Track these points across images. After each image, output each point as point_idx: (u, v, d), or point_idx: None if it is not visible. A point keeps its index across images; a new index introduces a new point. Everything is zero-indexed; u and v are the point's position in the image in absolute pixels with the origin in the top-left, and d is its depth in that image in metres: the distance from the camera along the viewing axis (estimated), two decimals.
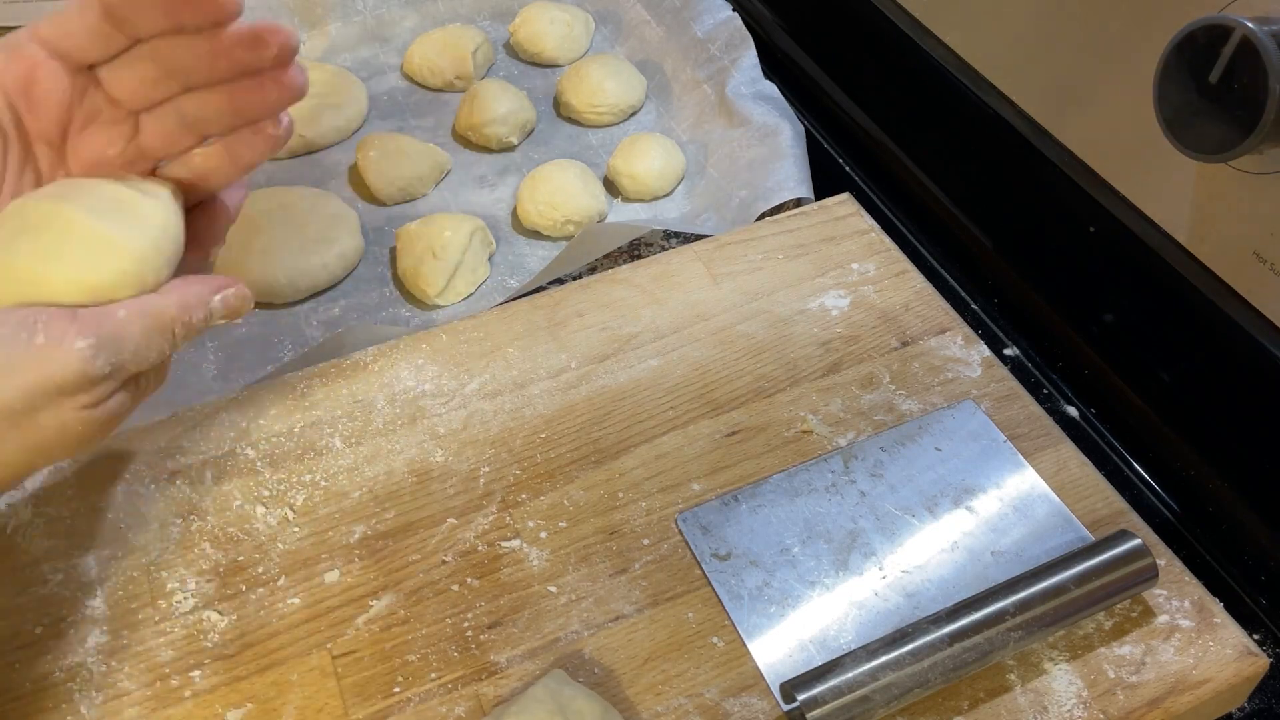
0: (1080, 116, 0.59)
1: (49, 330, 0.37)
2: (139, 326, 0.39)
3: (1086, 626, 0.48)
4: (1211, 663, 0.47)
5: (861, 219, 0.67)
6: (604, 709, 0.43)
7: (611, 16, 0.92)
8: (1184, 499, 0.58)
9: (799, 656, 0.47)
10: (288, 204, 0.72)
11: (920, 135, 0.75)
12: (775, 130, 0.75)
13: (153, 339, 0.40)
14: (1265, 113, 0.43)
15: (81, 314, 0.38)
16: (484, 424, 0.56)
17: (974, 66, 0.66)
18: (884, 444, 0.55)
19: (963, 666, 0.45)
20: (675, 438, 0.56)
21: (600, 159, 0.80)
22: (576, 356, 0.59)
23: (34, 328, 0.37)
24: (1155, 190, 0.55)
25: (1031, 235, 0.67)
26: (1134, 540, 0.48)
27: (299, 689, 0.46)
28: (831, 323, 0.61)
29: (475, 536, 0.52)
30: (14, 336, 0.37)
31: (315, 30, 0.88)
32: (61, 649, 0.47)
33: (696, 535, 0.51)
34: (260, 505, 0.53)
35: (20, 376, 0.37)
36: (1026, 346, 0.66)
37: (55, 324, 0.37)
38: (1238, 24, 0.43)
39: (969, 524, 0.52)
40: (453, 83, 0.85)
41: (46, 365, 0.37)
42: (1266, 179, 0.48)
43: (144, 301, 0.40)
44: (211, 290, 0.43)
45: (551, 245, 0.74)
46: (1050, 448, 0.55)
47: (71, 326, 0.38)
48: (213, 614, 0.49)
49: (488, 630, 0.48)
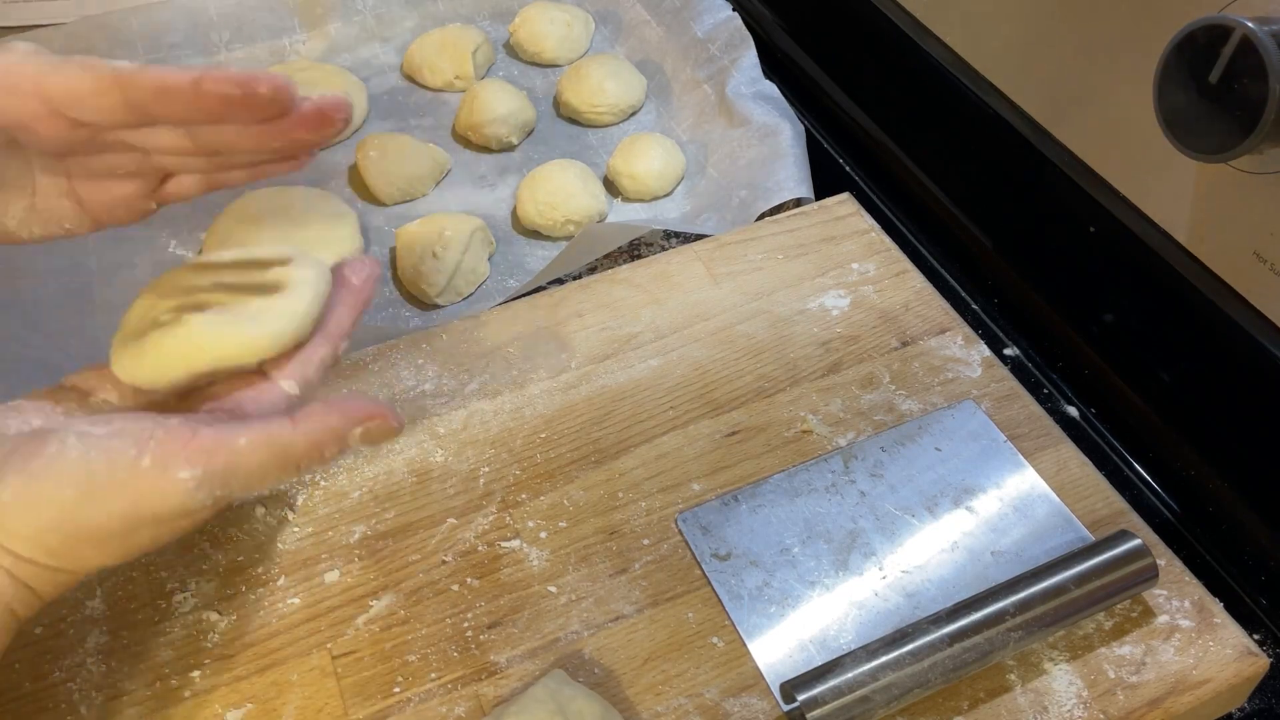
0: (1080, 116, 0.59)
1: (157, 452, 0.35)
2: (258, 459, 0.37)
3: (1086, 626, 0.48)
4: (1212, 663, 0.47)
5: (861, 219, 0.67)
6: (604, 709, 0.43)
7: (611, 16, 0.92)
8: (1184, 499, 0.58)
9: (799, 656, 0.47)
10: (288, 204, 0.72)
11: (920, 135, 0.75)
12: (775, 130, 0.75)
13: (270, 473, 0.37)
14: (1265, 113, 0.42)
15: (200, 437, 0.36)
16: (484, 424, 0.56)
17: (974, 66, 0.66)
18: (884, 444, 0.55)
19: (963, 667, 0.45)
20: (675, 438, 0.56)
21: (600, 159, 0.80)
22: (576, 356, 0.59)
23: (144, 446, 0.35)
24: (1155, 190, 0.55)
25: (1031, 235, 0.67)
26: (1134, 540, 0.48)
27: (299, 689, 0.46)
28: (831, 323, 0.61)
29: (475, 536, 0.52)
30: (122, 453, 0.35)
31: (315, 30, 0.88)
32: (61, 649, 0.47)
33: (696, 535, 0.51)
34: (260, 505, 0.53)
35: (116, 503, 0.35)
36: (1026, 346, 0.66)
37: (167, 445, 0.35)
38: (1238, 24, 0.43)
39: (969, 524, 0.52)
40: (453, 83, 0.85)
41: (145, 494, 0.35)
42: (1266, 179, 0.48)
43: (271, 429, 0.37)
44: (353, 421, 0.39)
45: (551, 245, 0.74)
46: (1050, 448, 0.55)
47: (182, 451, 0.35)
48: (212, 614, 0.49)
49: (488, 630, 0.48)
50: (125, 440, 0.36)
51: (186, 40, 0.84)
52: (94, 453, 0.35)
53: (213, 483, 0.36)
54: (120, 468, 0.35)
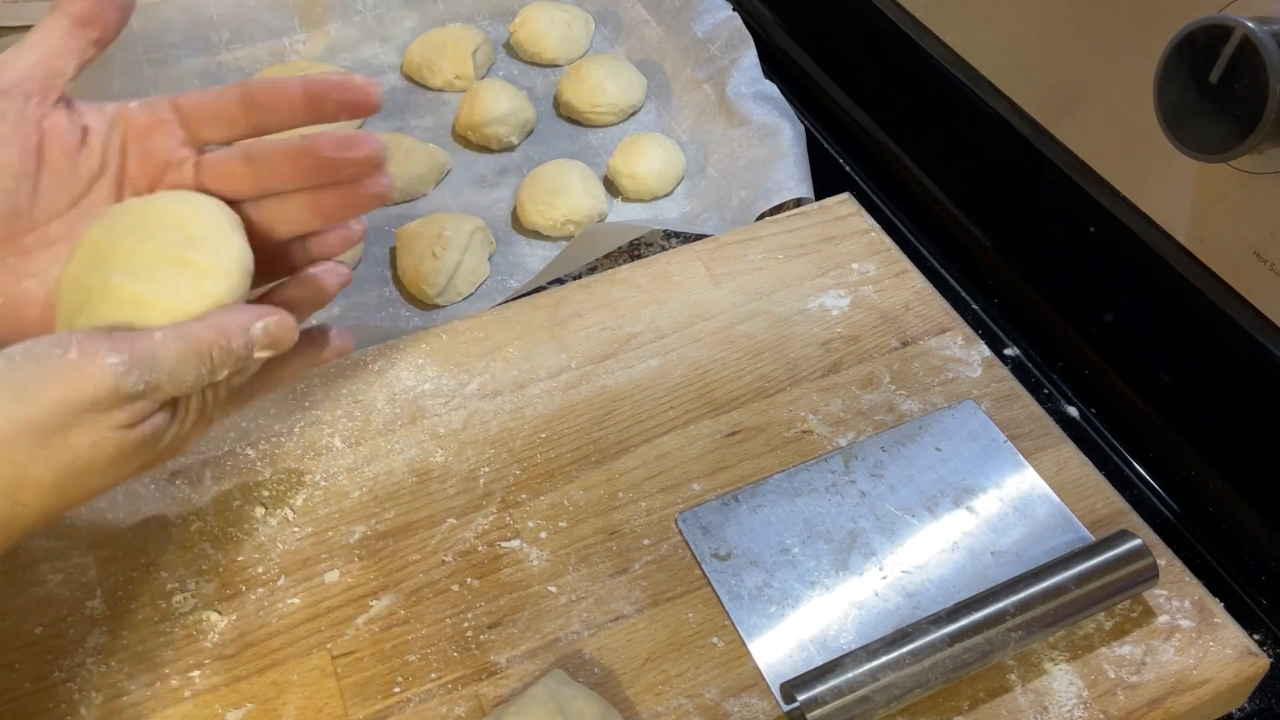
0: (1080, 116, 0.59)
1: (82, 347, 0.37)
2: (174, 349, 0.38)
3: (1087, 626, 0.48)
4: (1212, 663, 0.47)
5: (861, 219, 0.67)
6: (604, 709, 0.43)
7: (611, 16, 0.92)
8: (1184, 499, 0.58)
9: (799, 656, 0.47)
10: None
11: (920, 135, 0.75)
12: (775, 130, 0.75)
13: (189, 361, 0.39)
14: (1265, 113, 0.43)
15: (116, 334, 0.38)
16: (484, 424, 0.56)
17: (974, 66, 0.66)
18: (884, 444, 0.55)
19: (963, 667, 0.45)
20: (675, 438, 0.56)
21: (600, 159, 0.80)
22: (576, 356, 0.59)
23: (67, 344, 0.37)
24: (1155, 190, 0.55)
25: (1031, 235, 0.67)
26: (1134, 540, 0.48)
27: (299, 689, 0.46)
28: (832, 323, 0.61)
29: (475, 536, 0.52)
30: (47, 353, 0.37)
31: (315, 30, 0.88)
32: (61, 649, 0.47)
33: (696, 535, 0.51)
34: (260, 505, 0.53)
35: (51, 390, 0.36)
36: (1027, 346, 0.66)
37: (89, 342, 0.37)
38: (1238, 24, 0.43)
39: (969, 524, 0.52)
40: (453, 83, 0.85)
41: (78, 379, 0.36)
42: (1266, 179, 0.48)
43: (180, 325, 0.40)
44: (252, 317, 0.41)
45: (551, 245, 0.74)
46: (1050, 448, 0.55)
47: (105, 344, 0.37)
48: (212, 614, 0.49)
49: (488, 630, 0.48)
50: (48, 344, 0.37)
51: (186, 40, 0.84)
52: (18, 355, 0.36)
53: (141, 367, 0.37)
54: (48, 363, 0.36)
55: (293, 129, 0.45)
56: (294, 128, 0.45)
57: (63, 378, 0.36)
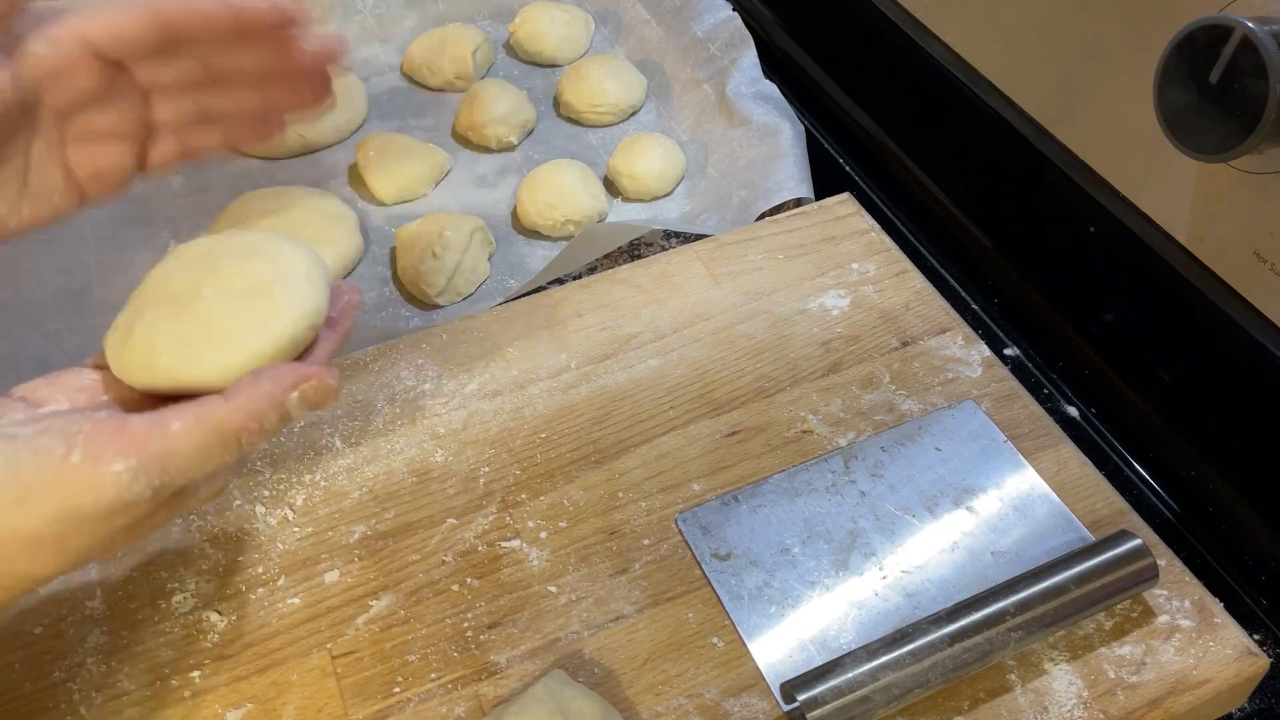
0: (1080, 116, 0.59)
1: (88, 446, 0.34)
2: (194, 440, 0.35)
3: (1087, 626, 0.48)
4: (1212, 663, 0.47)
5: (861, 219, 0.67)
6: (604, 709, 0.43)
7: (611, 16, 0.92)
8: (1184, 499, 0.58)
9: (799, 656, 0.47)
10: (287, 204, 0.72)
11: (920, 135, 0.75)
12: (775, 130, 0.75)
13: (210, 452, 0.35)
14: (1265, 113, 0.42)
15: (130, 426, 0.35)
16: (484, 424, 0.56)
17: (974, 66, 0.66)
18: (884, 444, 0.55)
19: (963, 667, 0.45)
20: (675, 438, 0.56)
21: (600, 159, 0.80)
22: (576, 356, 0.59)
23: (73, 441, 0.34)
24: (1155, 190, 0.55)
25: (1031, 235, 0.67)
26: (1134, 540, 0.48)
27: (299, 689, 0.46)
28: (832, 323, 0.61)
29: (475, 536, 0.52)
30: (49, 450, 0.34)
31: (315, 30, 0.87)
32: (61, 649, 0.47)
33: (696, 535, 0.51)
34: (260, 505, 0.53)
35: (48, 500, 0.33)
36: (1026, 346, 0.66)
37: (97, 438, 0.34)
38: (1238, 24, 0.43)
39: (969, 524, 0.52)
40: (453, 82, 0.85)
41: (78, 489, 0.34)
42: (1266, 179, 0.48)
43: (205, 410, 0.36)
44: (287, 387, 0.37)
45: (551, 245, 0.74)
46: (1050, 448, 0.55)
47: (113, 442, 0.34)
48: (212, 614, 0.49)
49: (488, 630, 0.48)
50: (53, 437, 0.34)
51: None
52: (21, 453, 0.34)
53: (149, 472, 0.34)
54: (49, 466, 0.34)
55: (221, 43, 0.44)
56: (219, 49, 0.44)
57: (62, 485, 0.34)
